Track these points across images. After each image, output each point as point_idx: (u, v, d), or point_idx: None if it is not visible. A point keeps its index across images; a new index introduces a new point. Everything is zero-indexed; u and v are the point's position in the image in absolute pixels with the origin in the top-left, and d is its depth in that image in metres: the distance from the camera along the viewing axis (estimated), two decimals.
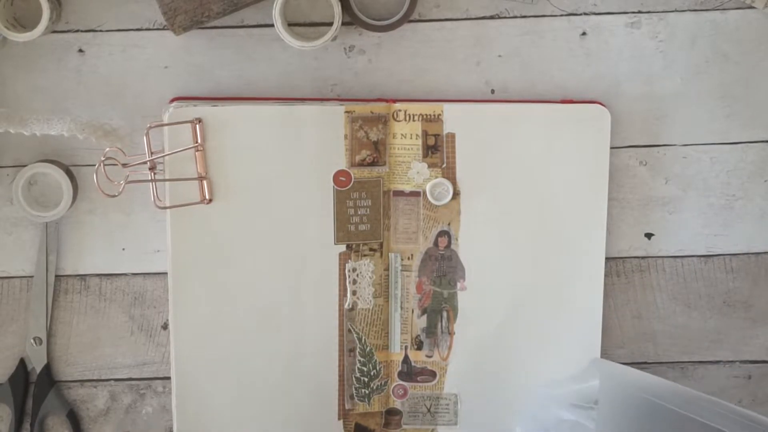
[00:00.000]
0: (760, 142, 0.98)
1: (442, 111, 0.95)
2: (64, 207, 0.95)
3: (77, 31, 0.95)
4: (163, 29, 0.95)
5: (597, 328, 0.98)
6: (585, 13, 0.96)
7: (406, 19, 0.95)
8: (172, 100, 0.95)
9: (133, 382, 1.01)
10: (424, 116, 0.95)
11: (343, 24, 0.93)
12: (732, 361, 1.02)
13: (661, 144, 0.98)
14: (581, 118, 0.95)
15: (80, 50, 0.95)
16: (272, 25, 0.91)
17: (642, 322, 1.01)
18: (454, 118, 0.95)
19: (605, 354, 1.00)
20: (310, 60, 0.96)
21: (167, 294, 0.96)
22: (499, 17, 0.96)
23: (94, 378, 1.01)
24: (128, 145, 0.93)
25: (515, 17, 0.96)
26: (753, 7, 0.95)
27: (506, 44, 0.96)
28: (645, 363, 1.02)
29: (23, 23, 0.93)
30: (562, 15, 0.96)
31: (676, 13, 0.96)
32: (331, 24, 0.91)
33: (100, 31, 0.95)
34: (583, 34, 0.96)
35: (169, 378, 0.99)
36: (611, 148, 0.97)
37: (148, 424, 1.02)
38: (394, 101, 0.95)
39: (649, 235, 1.00)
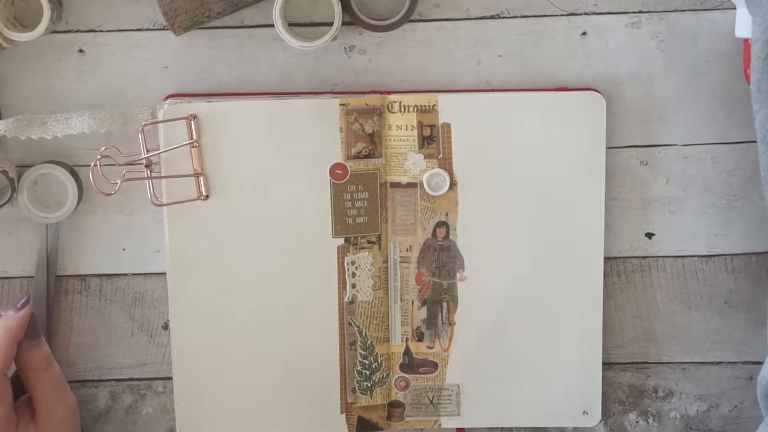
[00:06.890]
0: None
1: (436, 101, 0.95)
2: (70, 207, 0.95)
3: (77, 31, 0.95)
4: (163, 29, 0.95)
5: (597, 327, 0.98)
6: (585, 13, 0.96)
7: (407, 19, 0.95)
8: (167, 97, 0.95)
9: (133, 383, 1.01)
10: (419, 107, 0.95)
11: (343, 24, 0.93)
12: (733, 362, 1.02)
13: (661, 144, 0.98)
14: (576, 105, 0.95)
15: (80, 50, 0.95)
16: (272, 25, 0.91)
17: (642, 322, 1.01)
18: (449, 108, 0.95)
19: (605, 354, 1.00)
20: (311, 60, 0.96)
21: (167, 294, 0.96)
22: (500, 17, 0.96)
23: (95, 378, 1.01)
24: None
25: (515, 17, 0.96)
26: None
27: (506, 44, 0.96)
28: (645, 363, 1.01)
29: (23, 23, 0.94)
30: (562, 15, 0.96)
31: (676, 13, 0.96)
32: (331, 24, 0.92)
33: (101, 31, 0.95)
34: (584, 34, 0.96)
35: (169, 378, 0.99)
36: (611, 147, 0.96)
37: (148, 425, 1.01)
38: (389, 93, 0.95)
39: (649, 235, 0.99)
